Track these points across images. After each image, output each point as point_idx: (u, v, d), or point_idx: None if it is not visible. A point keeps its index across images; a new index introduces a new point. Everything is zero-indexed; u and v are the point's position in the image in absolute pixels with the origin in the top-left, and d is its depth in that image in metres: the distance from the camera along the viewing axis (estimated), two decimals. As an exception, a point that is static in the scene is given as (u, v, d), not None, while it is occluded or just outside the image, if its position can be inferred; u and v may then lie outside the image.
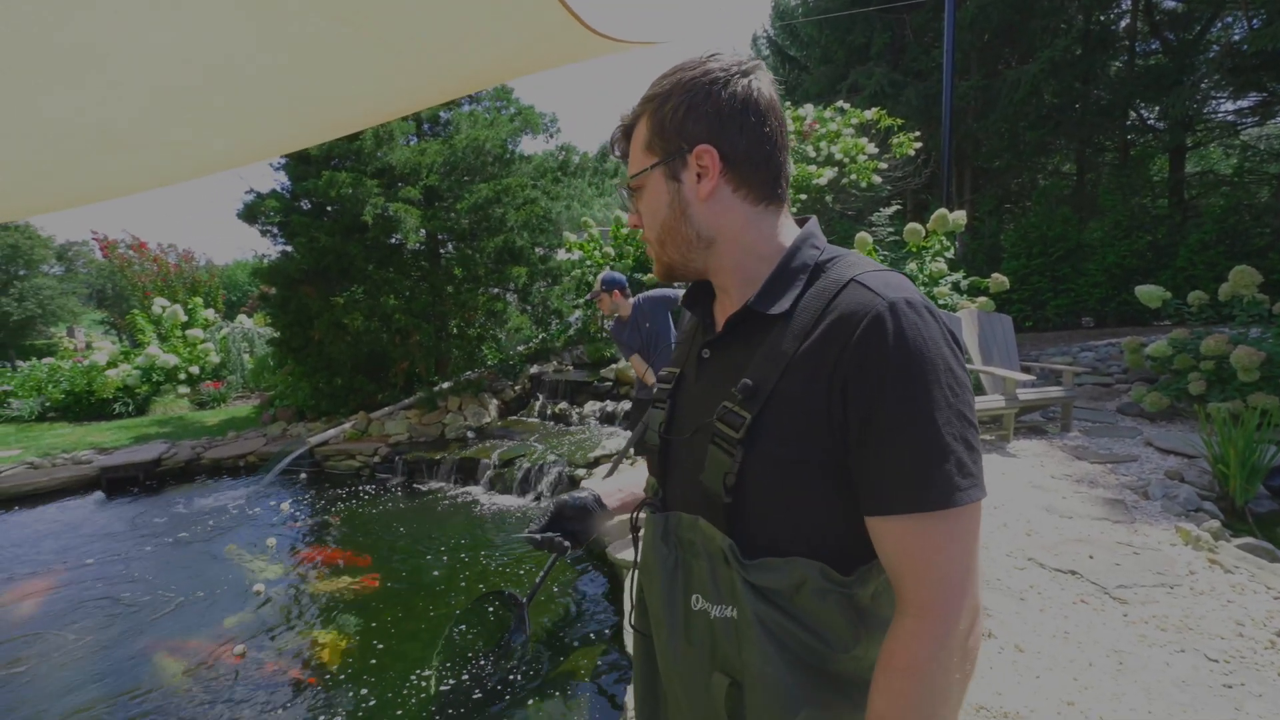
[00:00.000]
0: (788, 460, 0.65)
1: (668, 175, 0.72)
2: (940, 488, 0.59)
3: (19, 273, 26.44)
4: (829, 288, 0.67)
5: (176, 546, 4.52)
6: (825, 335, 0.64)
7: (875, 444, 0.61)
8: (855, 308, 0.63)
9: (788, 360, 0.65)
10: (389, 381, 7.48)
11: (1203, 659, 2.08)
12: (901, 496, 0.60)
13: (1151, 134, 11.36)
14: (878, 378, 0.60)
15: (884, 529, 0.62)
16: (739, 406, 0.67)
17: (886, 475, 0.60)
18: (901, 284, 0.64)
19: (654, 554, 0.78)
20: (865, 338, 0.61)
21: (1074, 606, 2.44)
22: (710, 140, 0.70)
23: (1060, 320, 9.72)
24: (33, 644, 3.24)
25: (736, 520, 0.68)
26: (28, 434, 8.16)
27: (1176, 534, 2.99)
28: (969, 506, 0.60)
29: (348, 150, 6.52)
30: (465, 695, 2.66)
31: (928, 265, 5.97)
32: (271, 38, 1.03)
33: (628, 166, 0.78)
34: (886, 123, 8.45)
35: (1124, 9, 10.99)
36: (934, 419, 0.59)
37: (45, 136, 1.25)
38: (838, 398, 0.62)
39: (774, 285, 0.71)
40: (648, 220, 0.77)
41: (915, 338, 0.60)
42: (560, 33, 1.14)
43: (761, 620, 0.65)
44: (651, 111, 0.72)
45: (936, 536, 0.60)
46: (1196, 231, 8.71)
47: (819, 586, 0.65)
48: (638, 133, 0.75)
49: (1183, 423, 4.99)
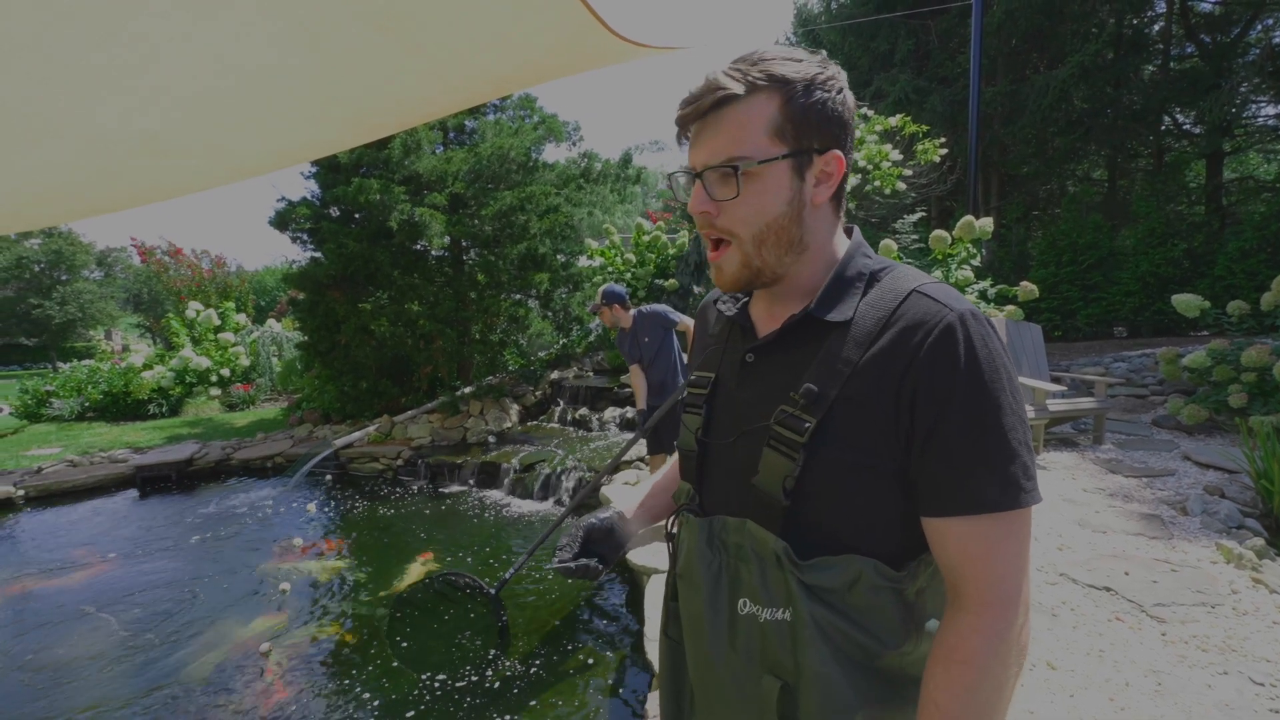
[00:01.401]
0: (850, 464, 0.65)
1: (795, 171, 0.67)
2: (1008, 490, 0.61)
3: (61, 278, 27.41)
4: (889, 297, 0.68)
5: (206, 544, 4.63)
6: (893, 343, 0.65)
7: (944, 449, 0.62)
8: (924, 317, 0.64)
9: (853, 367, 0.66)
10: (413, 385, 7.59)
11: (1247, 682, 2.00)
12: (971, 498, 0.61)
13: (1187, 139, 11.06)
14: (948, 386, 0.61)
15: (947, 529, 0.63)
16: (801, 411, 0.67)
17: (955, 478, 0.62)
18: (961, 296, 0.66)
19: (698, 559, 0.77)
20: (937, 347, 0.62)
21: (1109, 624, 2.36)
22: (840, 147, 0.69)
23: (1092, 330, 9.48)
24: (68, 632, 3.33)
25: (791, 522, 0.68)
26: (67, 433, 8.44)
27: (1217, 551, 2.88)
28: (1026, 510, 0.62)
29: (376, 158, 6.66)
30: (479, 702, 2.67)
31: (954, 273, 5.87)
32: (308, 42, 1.06)
33: (715, 140, 0.67)
34: (911, 129, 8.34)
35: (1158, 12, 10.75)
36: (1002, 425, 0.61)
37: (94, 141, 1.30)
38: (906, 404, 0.63)
39: (833, 292, 0.71)
40: (748, 213, 0.68)
41: (983, 348, 0.62)
42: (585, 37, 1.15)
43: (817, 621, 0.66)
44: (789, 96, 0.66)
45: (997, 537, 0.62)
46: (1236, 239, 8.44)
47: (872, 583, 0.66)
48: (758, 108, 0.66)
49: (1222, 436, 4.82)
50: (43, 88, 1.04)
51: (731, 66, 0.67)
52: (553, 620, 3.33)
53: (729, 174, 0.67)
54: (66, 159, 1.33)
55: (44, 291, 26.42)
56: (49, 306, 25.84)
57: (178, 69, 1.06)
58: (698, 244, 9.73)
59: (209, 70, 1.09)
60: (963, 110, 9.65)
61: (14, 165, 1.30)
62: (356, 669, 2.93)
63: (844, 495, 0.66)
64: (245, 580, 3.96)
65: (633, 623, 3.26)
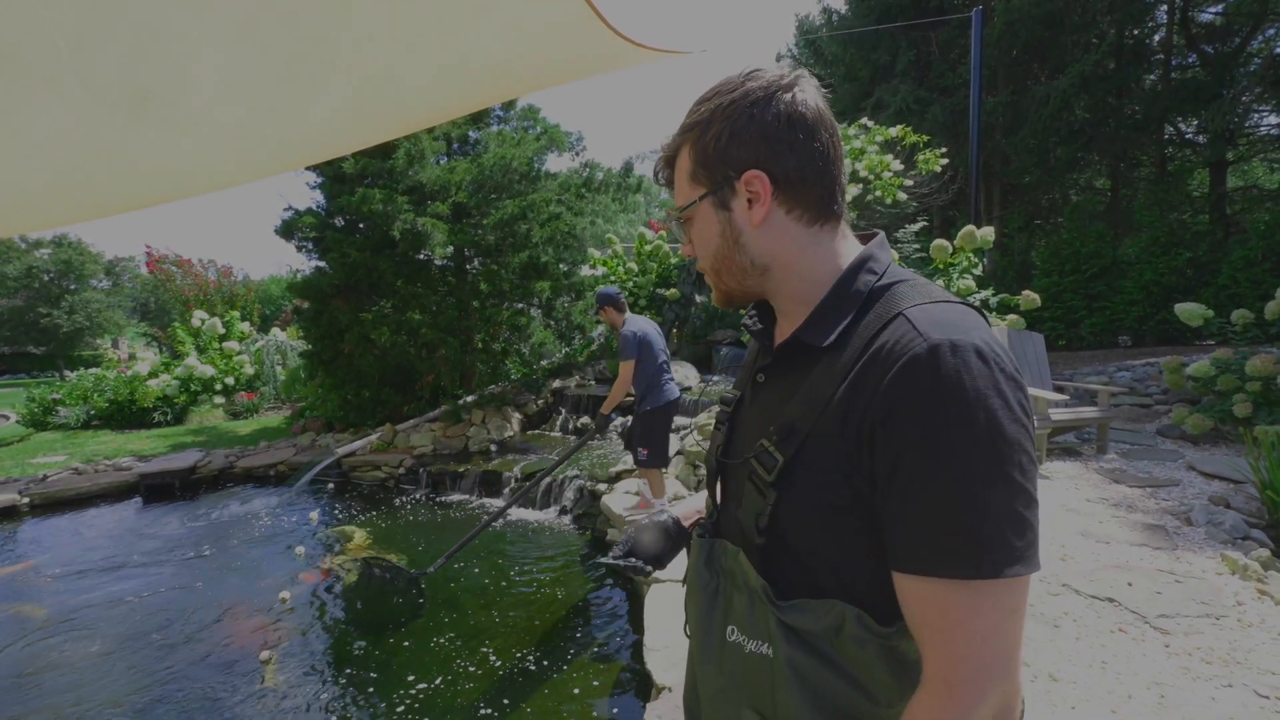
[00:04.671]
0: (818, 505, 0.62)
1: (716, 205, 0.70)
2: (979, 555, 0.52)
3: (70, 287, 27.68)
4: (875, 321, 0.63)
5: (208, 552, 4.63)
6: (861, 374, 0.60)
7: (898, 497, 0.56)
8: (894, 347, 0.58)
9: (825, 401, 0.62)
10: (415, 394, 7.61)
11: (1252, 695, 1.97)
12: (928, 558, 0.54)
13: (1190, 148, 11.06)
14: (904, 429, 0.55)
15: (905, 587, 0.57)
16: (774, 447, 0.65)
17: (906, 531, 0.56)
18: (955, 321, 0.58)
19: (697, 578, 0.78)
20: (896, 382, 0.56)
21: (1112, 635, 2.34)
22: (758, 164, 0.66)
23: (1095, 339, 9.44)
24: (67, 638, 3.33)
25: (771, 561, 0.66)
26: (73, 440, 8.48)
27: (1222, 562, 2.85)
28: (1005, 581, 0.52)
29: (381, 169, 6.72)
30: (476, 711, 2.66)
31: (955, 282, 5.87)
32: (321, 33, 1.07)
33: (674, 196, 0.76)
34: (912, 139, 8.38)
35: (1159, 22, 10.79)
36: (965, 478, 0.53)
37: (114, 136, 1.30)
38: (866, 444, 0.58)
39: (822, 314, 0.67)
40: (700, 250, 0.74)
41: (955, 388, 0.53)
42: (595, 41, 1.17)
43: (794, 665, 0.62)
44: (693, 141, 0.70)
45: (963, 608, 0.53)
46: (1240, 248, 8.42)
47: (856, 634, 0.61)
48: (680, 163, 0.73)
49: (1227, 446, 4.78)
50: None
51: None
52: (551, 628, 3.32)
53: (682, 223, 0.76)
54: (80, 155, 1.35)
55: (53, 301, 26.67)
56: (57, 315, 26.07)
57: (193, 59, 1.07)
58: (700, 253, 9.77)
59: (225, 58, 1.10)
60: (964, 120, 9.68)
61: (21, 165, 1.32)
62: (356, 678, 2.92)
63: (817, 537, 0.63)
64: (245, 588, 3.96)
65: (630, 632, 3.24)
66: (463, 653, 3.11)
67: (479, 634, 3.28)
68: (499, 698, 2.74)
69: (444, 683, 2.85)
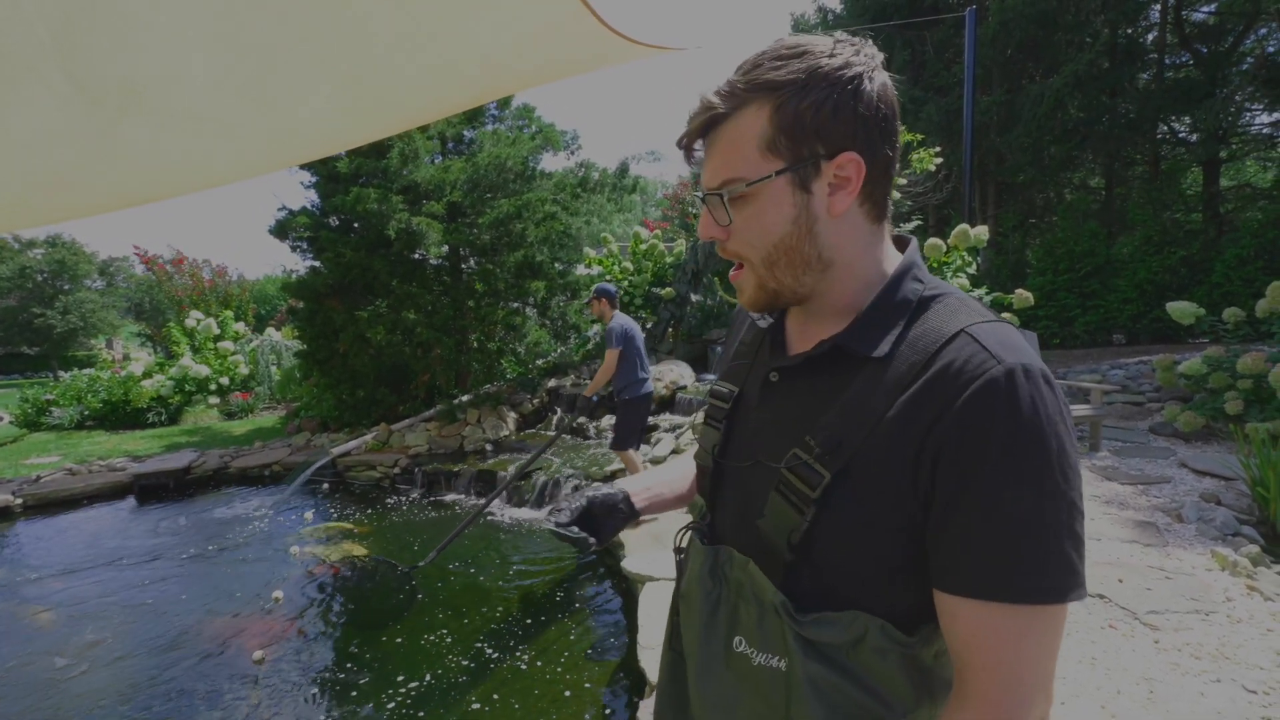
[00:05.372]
0: (862, 522, 0.59)
1: (795, 185, 0.61)
2: (1033, 580, 0.52)
3: (64, 287, 27.53)
4: (932, 334, 0.59)
5: (202, 552, 4.62)
6: (924, 392, 0.56)
7: (964, 524, 0.54)
8: (964, 367, 0.55)
9: (878, 417, 0.58)
10: (410, 394, 7.60)
11: (1240, 690, 1.99)
12: (986, 581, 0.53)
13: (1183, 147, 11.11)
14: (979, 452, 0.53)
15: (957, 608, 0.56)
16: (816, 461, 0.60)
17: (973, 555, 0.54)
18: (1019, 345, 0.56)
19: (698, 586, 0.73)
20: (972, 405, 0.54)
21: (1102, 631, 2.35)
22: (855, 147, 0.60)
23: (1089, 338, 9.48)
24: (60, 638, 3.32)
25: (794, 575, 0.63)
26: (66, 441, 8.45)
27: (1212, 559, 2.87)
28: (1059, 606, 0.53)
29: (375, 168, 6.70)
30: (468, 708, 2.66)
31: (949, 281, 5.89)
32: (320, 29, 1.06)
33: (711, 163, 0.64)
34: (907, 138, 8.40)
35: (1152, 21, 10.83)
36: (1039, 505, 0.52)
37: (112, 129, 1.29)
38: (927, 464, 0.55)
39: (871, 321, 0.63)
40: (752, 236, 0.64)
41: (1031, 414, 0.53)
42: (589, 37, 1.17)
43: (813, 680, 0.60)
44: (780, 103, 0.59)
45: (1015, 631, 0.53)
46: (1233, 246, 8.46)
47: (878, 645, 0.60)
48: (746, 125, 0.60)
49: (1219, 443, 4.81)
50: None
51: (727, 80, 0.62)
52: (544, 626, 3.32)
53: (721, 199, 0.63)
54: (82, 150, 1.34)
55: (46, 301, 26.53)
56: (51, 316, 25.92)
57: (185, 47, 1.07)
58: (695, 252, 9.77)
59: (218, 52, 1.09)
60: (958, 119, 9.70)
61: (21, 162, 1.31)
62: (348, 676, 2.92)
63: (853, 553, 0.60)
64: (239, 588, 3.95)
65: (623, 635, 3.25)
66: (455, 650, 3.11)
67: (472, 632, 3.28)
68: (490, 695, 2.74)
69: (436, 681, 2.85)
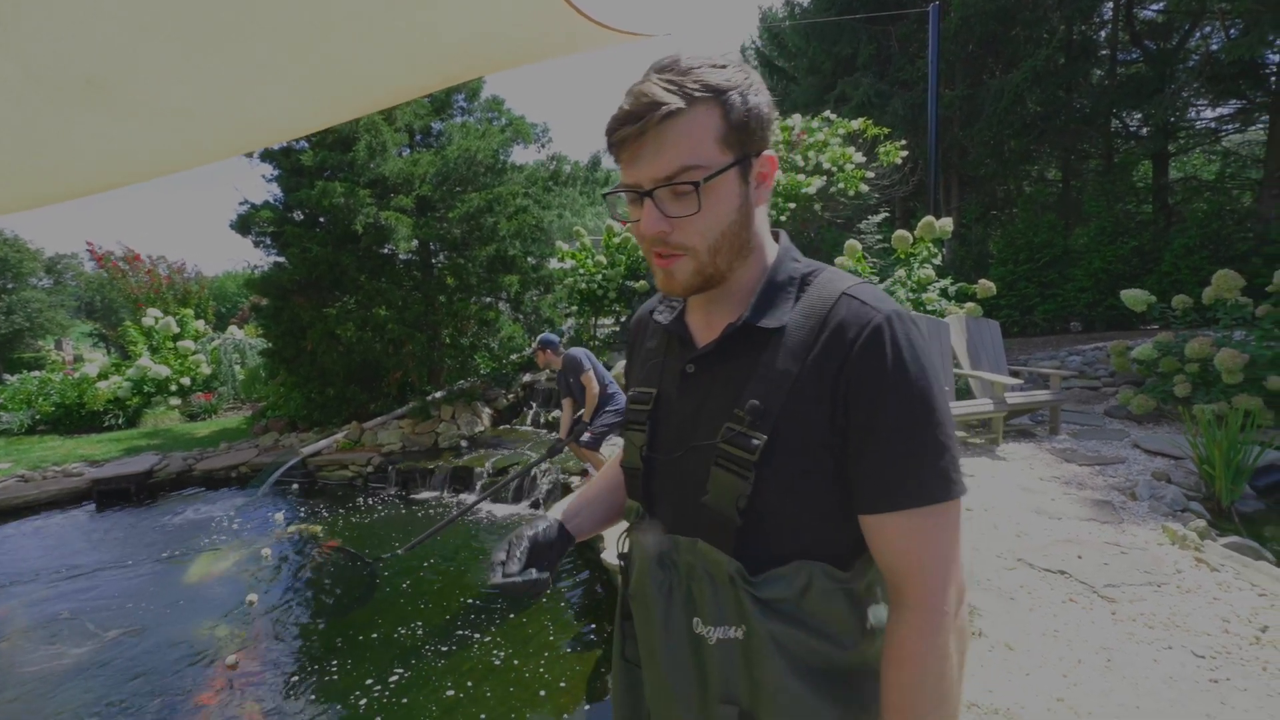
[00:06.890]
0: (799, 472, 0.66)
1: (741, 177, 0.68)
2: (942, 483, 0.63)
3: (7, 286, 26.12)
4: (820, 302, 0.69)
5: (168, 557, 4.48)
6: (825, 348, 0.66)
7: (879, 447, 0.63)
8: (853, 320, 0.65)
9: (793, 378, 0.66)
10: (382, 391, 7.47)
11: (1189, 655, 2.11)
12: (908, 493, 0.63)
13: (1134, 141, 11.54)
14: (879, 386, 0.63)
15: (885, 524, 0.64)
16: (748, 429, 0.66)
17: (893, 474, 0.63)
18: (887, 297, 0.68)
19: (649, 579, 0.75)
20: (867, 349, 0.63)
21: (1063, 605, 2.47)
22: (769, 147, 0.70)
23: (1048, 325, 9.82)
24: (23, 648, 3.20)
25: (744, 540, 0.67)
26: (17, 447, 8.07)
27: (1163, 534, 3.03)
28: (959, 500, 0.64)
29: (341, 161, 6.54)
30: (444, 713, 2.66)
31: (915, 272, 6.03)
32: (272, 9, 1.03)
33: (661, 156, 0.64)
34: (873, 132, 8.54)
35: (1105, 19, 11.21)
36: (931, 421, 0.63)
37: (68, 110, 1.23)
38: (840, 407, 0.64)
39: (767, 298, 0.71)
40: (705, 225, 0.66)
41: (909, 347, 0.64)
42: (559, 21, 1.16)
43: (774, 637, 0.66)
44: (728, 105, 0.64)
45: (933, 529, 0.63)
46: (1181, 236, 8.84)
47: (824, 587, 0.66)
48: (699, 121, 0.64)
49: (1169, 424, 5.05)
50: None
51: (661, 79, 0.64)
52: (521, 622, 3.33)
53: (687, 189, 0.64)
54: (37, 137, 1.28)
55: (-13, 301, 25.19)
56: (-7, 316, 24.63)
57: (133, 30, 1.03)
58: (669, 245, 9.77)
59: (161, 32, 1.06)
60: (923, 113, 9.90)
61: None
62: (322, 681, 2.88)
63: (795, 505, 0.67)
64: (210, 592, 3.86)
65: (605, 626, 3.27)
66: (430, 641, 3.10)
67: (447, 628, 3.27)
68: (466, 688, 2.74)
69: (412, 676, 2.84)
